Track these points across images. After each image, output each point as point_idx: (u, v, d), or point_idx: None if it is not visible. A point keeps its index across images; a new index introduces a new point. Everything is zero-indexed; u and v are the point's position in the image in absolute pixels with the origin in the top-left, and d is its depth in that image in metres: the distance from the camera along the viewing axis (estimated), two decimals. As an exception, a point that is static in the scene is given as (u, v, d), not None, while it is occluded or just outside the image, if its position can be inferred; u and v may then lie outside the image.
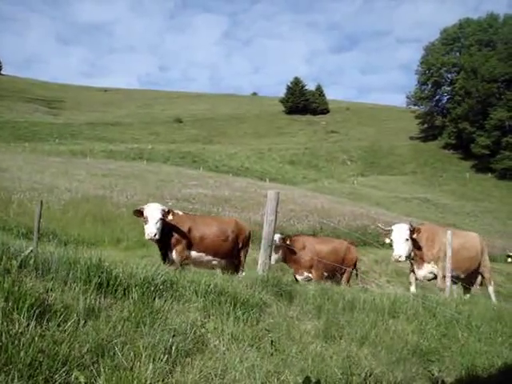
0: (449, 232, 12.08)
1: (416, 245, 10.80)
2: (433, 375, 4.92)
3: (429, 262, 10.92)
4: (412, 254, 10.89)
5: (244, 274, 9.78)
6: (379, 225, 12.18)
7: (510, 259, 29.94)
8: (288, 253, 11.54)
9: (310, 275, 11.71)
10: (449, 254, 11.68)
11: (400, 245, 10.38)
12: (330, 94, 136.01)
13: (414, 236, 10.56)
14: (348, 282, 12.26)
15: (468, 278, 11.69)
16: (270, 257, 7.45)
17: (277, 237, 10.63)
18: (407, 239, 10.42)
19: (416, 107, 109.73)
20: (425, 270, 11.03)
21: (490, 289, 12.17)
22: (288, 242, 11.37)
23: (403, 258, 10.39)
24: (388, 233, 10.62)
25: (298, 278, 11.71)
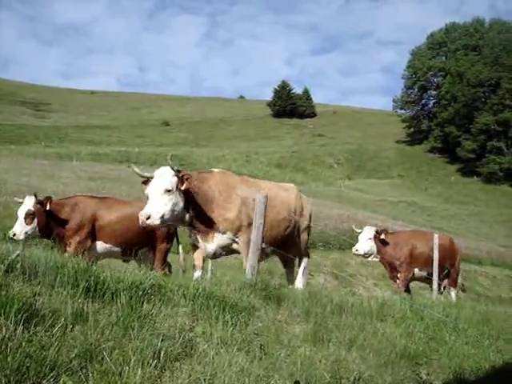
0: (435, 235, 11.77)
1: (198, 204, 6.98)
2: (421, 378, 4.95)
3: (224, 232, 7.16)
4: (188, 217, 6.95)
5: None
6: (135, 169, 7.00)
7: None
8: (47, 222, 8.27)
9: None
10: (436, 255, 11.42)
11: (153, 202, 6.49)
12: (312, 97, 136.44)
13: (184, 187, 6.63)
14: (163, 264, 9.04)
15: (281, 251, 8.14)
16: (258, 261, 6.94)
17: (29, 202, 8.26)
18: (169, 190, 6.51)
19: (402, 111, 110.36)
20: (216, 244, 7.23)
21: (302, 267, 8.88)
22: (48, 207, 8.20)
23: (156, 221, 6.41)
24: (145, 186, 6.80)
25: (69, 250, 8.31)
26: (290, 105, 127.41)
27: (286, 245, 8.24)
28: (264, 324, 5.09)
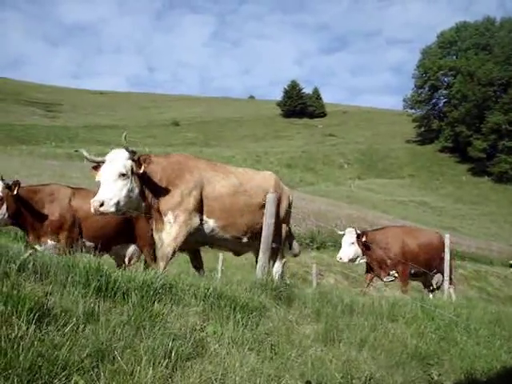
0: (446, 236, 11.53)
1: (154, 189, 6.55)
2: (432, 379, 4.92)
3: (165, 214, 6.57)
4: (144, 204, 6.57)
5: None
6: (84, 153, 6.73)
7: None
8: (17, 208, 7.69)
9: None
10: (447, 257, 11.24)
11: (107, 187, 6.11)
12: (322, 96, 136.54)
13: (142, 170, 6.28)
14: (154, 259, 7.65)
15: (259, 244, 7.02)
16: (269, 260, 7.08)
17: None
18: (123, 174, 6.17)
19: (413, 110, 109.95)
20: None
21: (278, 266, 7.88)
22: (16, 192, 7.59)
23: (110, 208, 6.05)
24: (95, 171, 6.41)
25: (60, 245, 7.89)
26: (299, 104, 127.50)
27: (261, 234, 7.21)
28: (275, 324, 5.08)
